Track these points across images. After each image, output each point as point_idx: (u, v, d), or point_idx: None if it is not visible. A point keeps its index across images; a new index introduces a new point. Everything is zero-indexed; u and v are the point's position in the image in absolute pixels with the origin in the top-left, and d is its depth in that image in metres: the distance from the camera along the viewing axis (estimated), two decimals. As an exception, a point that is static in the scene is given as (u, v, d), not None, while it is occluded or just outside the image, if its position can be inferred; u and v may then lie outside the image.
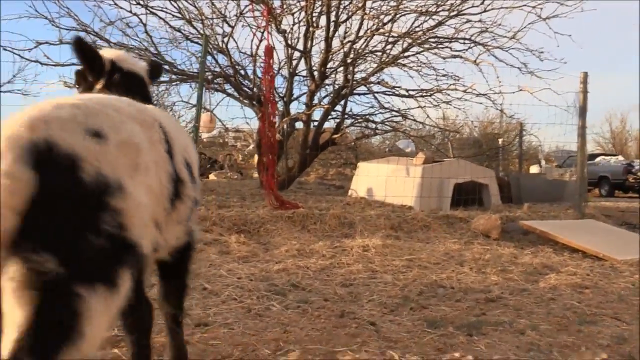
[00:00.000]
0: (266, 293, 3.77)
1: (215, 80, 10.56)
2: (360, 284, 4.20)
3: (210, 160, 18.46)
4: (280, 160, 10.26)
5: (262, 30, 9.34)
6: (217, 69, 10.95)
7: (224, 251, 5.12)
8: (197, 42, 10.88)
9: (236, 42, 10.95)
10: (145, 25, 9.80)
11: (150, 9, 9.83)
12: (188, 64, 11.31)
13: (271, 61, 7.87)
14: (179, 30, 10.61)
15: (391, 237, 6.14)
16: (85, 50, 2.15)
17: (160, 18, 10.23)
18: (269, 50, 7.88)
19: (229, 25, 10.70)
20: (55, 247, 1.10)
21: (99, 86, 2.21)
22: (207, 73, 10.78)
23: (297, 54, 11.10)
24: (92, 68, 2.20)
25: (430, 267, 4.92)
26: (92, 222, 1.16)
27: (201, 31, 10.68)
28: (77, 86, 2.36)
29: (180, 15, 10.60)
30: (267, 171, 7.47)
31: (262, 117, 10.44)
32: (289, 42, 10.44)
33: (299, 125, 11.89)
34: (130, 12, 9.61)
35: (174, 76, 10.98)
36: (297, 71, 11.36)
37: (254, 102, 10.86)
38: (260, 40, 10.24)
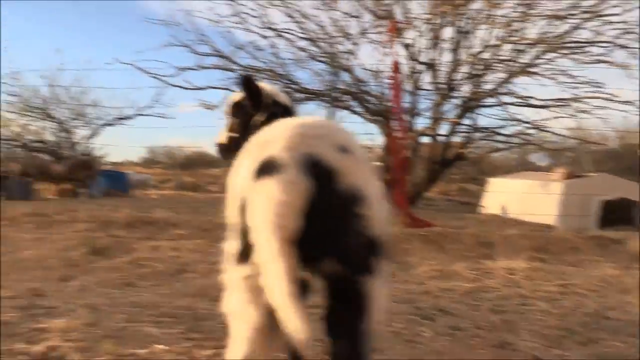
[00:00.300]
0: (413, 317, 3.61)
1: (340, 98, 10.64)
2: (512, 311, 3.90)
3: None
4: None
5: (387, 46, 9.29)
6: (342, 87, 11.04)
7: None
8: (321, 61, 11.11)
9: (359, 60, 10.88)
10: (275, 47, 10.14)
11: (279, 32, 10.17)
12: (311, 82, 11.60)
13: (399, 76, 7.77)
14: (304, 50, 10.88)
15: (536, 260, 5.71)
16: (252, 87, 2.37)
17: (288, 40, 10.55)
18: (396, 65, 7.78)
19: (353, 43, 10.78)
20: (344, 249, 1.34)
21: (260, 118, 2.36)
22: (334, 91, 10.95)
23: (420, 68, 10.89)
24: (256, 102, 2.38)
25: (588, 294, 4.47)
26: (351, 223, 1.35)
27: (325, 50, 10.90)
28: (231, 116, 2.53)
29: (305, 36, 10.87)
30: (397, 188, 7.33)
31: (388, 133, 10.38)
32: (414, 56, 10.24)
33: (423, 140, 11.65)
34: (262, 35, 10.00)
35: (299, 95, 11.28)
36: (421, 85, 11.11)
37: (378, 118, 10.81)
38: (385, 56, 10.24)
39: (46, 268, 4.69)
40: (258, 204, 1.28)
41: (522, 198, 8.70)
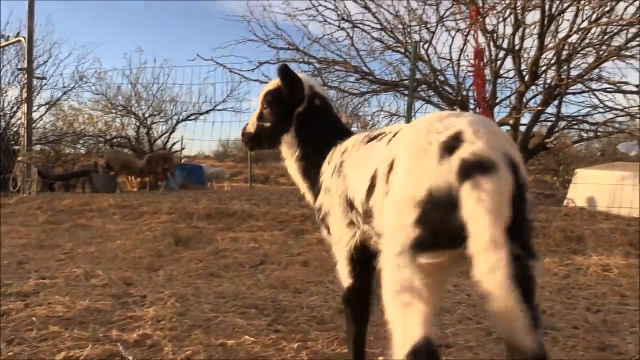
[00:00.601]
0: (503, 314, 3.44)
1: (417, 88, 10.40)
2: (611, 311, 3.63)
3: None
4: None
5: (468, 33, 8.97)
6: (418, 76, 10.79)
7: (443, 265, 4.88)
8: (397, 51, 10.91)
9: (435, 48, 10.60)
10: (352, 38, 10.05)
11: (354, 23, 10.06)
12: (385, 73, 11.43)
13: (482, 64, 7.47)
14: (380, 41, 10.71)
15: (633, 256, 5.31)
16: (291, 77, 2.38)
17: (363, 30, 10.42)
18: (479, 53, 7.49)
19: (429, 31, 10.50)
20: (520, 234, 1.41)
21: (300, 109, 2.41)
22: (407, 81, 10.72)
23: (500, 55, 10.44)
24: (293, 92, 2.40)
25: (696, 294, 4.10)
26: (525, 210, 1.49)
27: (401, 40, 10.69)
28: (264, 106, 2.52)
29: (380, 26, 10.69)
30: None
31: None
32: (496, 42, 9.82)
33: (503, 130, 11.21)
34: (338, 27, 9.93)
35: (374, 86, 11.13)
36: (502, 73, 10.66)
37: (456, 108, 10.49)
38: (465, 43, 9.90)
39: (134, 258, 4.87)
40: (493, 203, 1.36)
41: (612, 190, 8.15)
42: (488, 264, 1.29)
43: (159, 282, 4.09)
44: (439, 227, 1.44)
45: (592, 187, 8.68)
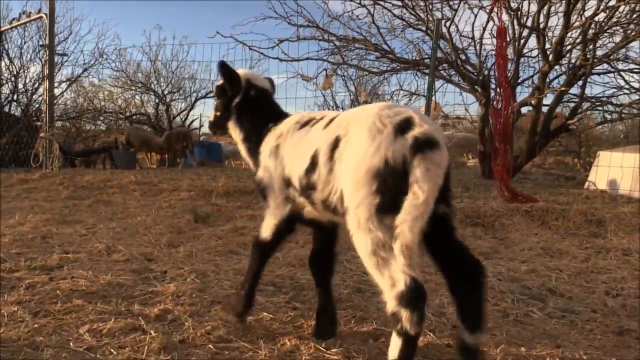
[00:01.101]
0: (521, 297, 3.44)
1: (438, 67, 10.26)
2: (631, 295, 3.60)
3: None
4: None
5: (492, 10, 8.79)
6: (439, 55, 10.63)
7: (461, 245, 4.87)
8: (419, 29, 10.75)
9: (456, 26, 10.40)
10: (372, 15, 9.91)
11: (375, 0, 9.91)
12: (406, 51, 11.29)
13: (504, 43, 7.32)
14: (401, 18, 10.55)
15: (654, 240, 5.24)
16: (228, 72, 2.81)
17: (384, 7, 10.26)
18: (502, 32, 7.33)
19: (452, 9, 10.31)
20: (446, 198, 2.05)
21: (237, 99, 2.84)
22: (428, 59, 10.58)
23: (524, 33, 10.22)
24: (232, 85, 2.83)
25: None
26: (450, 182, 2.08)
27: (422, 17, 10.52)
28: (217, 98, 3.00)
29: (401, 4, 10.52)
30: (498, 160, 6.99)
31: (485, 103, 9.92)
32: (519, 20, 9.61)
33: (524, 110, 11.03)
34: (359, 4, 9.80)
35: (394, 65, 11.01)
36: (525, 52, 10.45)
37: (477, 88, 10.34)
38: (488, 21, 9.72)
39: (155, 234, 4.94)
40: (434, 173, 1.83)
41: (635, 173, 8.01)
42: (417, 213, 1.76)
43: (179, 258, 4.15)
44: (396, 192, 1.82)
45: (615, 170, 8.53)
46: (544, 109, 10.11)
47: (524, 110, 10.90)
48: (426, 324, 2.87)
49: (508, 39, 8.71)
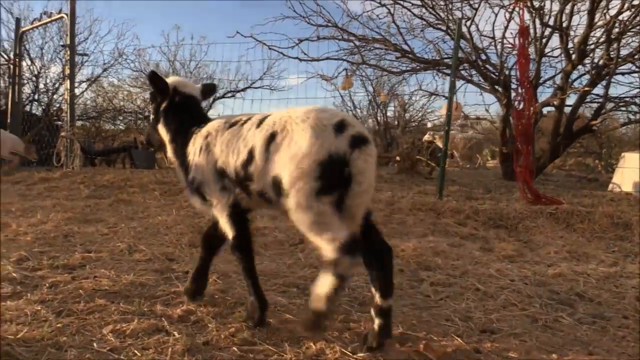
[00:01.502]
0: (549, 301, 3.36)
1: (458, 67, 10.14)
2: (663, 301, 3.50)
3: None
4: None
5: (513, 9, 8.68)
6: (460, 55, 10.51)
7: (485, 248, 4.79)
8: (438, 28, 10.65)
9: (477, 26, 10.28)
10: (392, 15, 9.84)
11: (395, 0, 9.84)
12: (425, 51, 11.20)
13: (526, 42, 7.21)
14: (421, 18, 10.46)
15: (684, 244, 5.11)
16: (156, 79, 3.08)
17: (404, 7, 10.18)
18: (524, 31, 7.22)
19: (472, 8, 10.20)
20: None
21: (164, 105, 3.12)
22: (448, 59, 10.48)
23: (545, 32, 10.05)
24: (160, 92, 3.12)
25: None
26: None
27: (442, 17, 10.41)
28: (151, 103, 3.28)
29: (421, 3, 10.43)
30: (520, 162, 6.88)
31: (507, 104, 9.79)
32: (542, 19, 9.47)
33: (545, 111, 10.86)
34: (380, 3, 9.73)
35: (414, 64, 10.92)
36: (546, 51, 10.30)
37: (497, 88, 10.21)
38: (509, 21, 9.59)
39: (176, 234, 4.93)
40: (370, 163, 2.29)
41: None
42: (367, 197, 2.34)
43: (201, 258, 4.12)
44: (334, 178, 2.22)
45: (640, 171, 8.37)
46: (567, 110, 9.94)
47: (544, 110, 10.74)
48: (453, 329, 2.82)
49: (530, 39, 8.59)
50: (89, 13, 20.93)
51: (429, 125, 20.04)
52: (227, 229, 2.73)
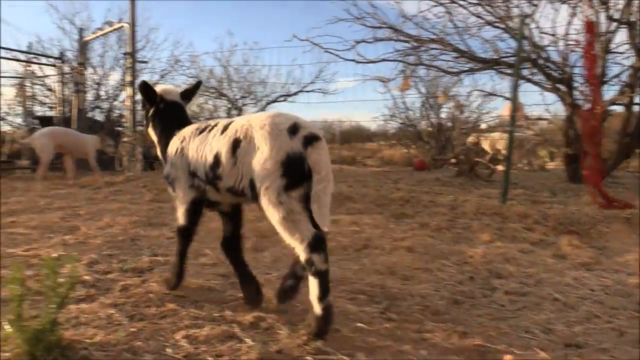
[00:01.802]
0: (636, 314, 3.14)
1: (518, 66, 9.79)
2: None
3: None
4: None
5: (576, 4, 8.31)
6: (519, 54, 10.14)
7: (558, 255, 4.56)
8: (497, 27, 10.33)
9: (537, 23, 9.89)
10: (450, 14, 9.62)
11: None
12: (481, 50, 10.86)
13: (592, 38, 6.87)
14: (478, 16, 10.17)
15: None
16: (146, 88, 3.42)
17: (460, 5, 9.94)
18: (591, 26, 6.89)
19: (532, 4, 9.83)
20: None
21: (151, 111, 3.49)
22: (510, 59, 10.16)
23: (611, 27, 9.56)
24: (149, 100, 3.47)
25: None
26: None
27: (501, 15, 10.09)
28: (142, 109, 3.67)
29: (477, 1, 10.15)
30: (588, 163, 6.56)
31: (571, 103, 9.38)
32: (608, 14, 9.02)
33: (614, 110, 10.33)
34: (438, 2, 9.54)
35: (471, 64, 10.64)
36: (614, 48, 9.78)
37: (560, 87, 9.81)
38: (572, 16, 9.20)
39: (238, 238, 4.92)
40: (324, 155, 2.58)
41: None
42: (329, 183, 2.54)
43: (265, 263, 4.12)
44: (296, 174, 2.52)
45: None
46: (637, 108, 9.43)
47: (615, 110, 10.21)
48: (534, 342, 2.67)
49: (597, 34, 8.20)
50: (146, 22, 21.48)
51: (483, 126, 19.49)
52: (181, 217, 3.16)
